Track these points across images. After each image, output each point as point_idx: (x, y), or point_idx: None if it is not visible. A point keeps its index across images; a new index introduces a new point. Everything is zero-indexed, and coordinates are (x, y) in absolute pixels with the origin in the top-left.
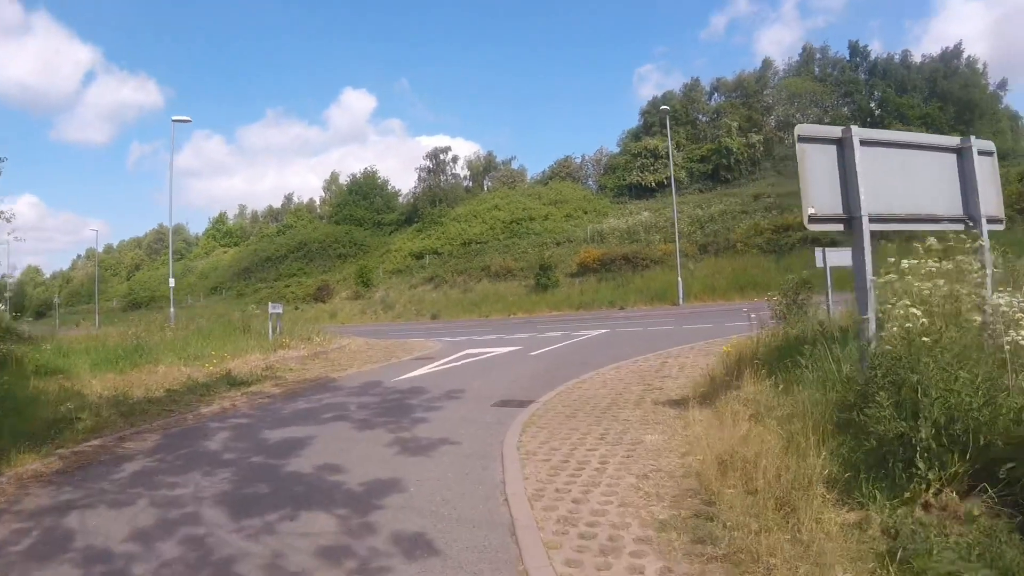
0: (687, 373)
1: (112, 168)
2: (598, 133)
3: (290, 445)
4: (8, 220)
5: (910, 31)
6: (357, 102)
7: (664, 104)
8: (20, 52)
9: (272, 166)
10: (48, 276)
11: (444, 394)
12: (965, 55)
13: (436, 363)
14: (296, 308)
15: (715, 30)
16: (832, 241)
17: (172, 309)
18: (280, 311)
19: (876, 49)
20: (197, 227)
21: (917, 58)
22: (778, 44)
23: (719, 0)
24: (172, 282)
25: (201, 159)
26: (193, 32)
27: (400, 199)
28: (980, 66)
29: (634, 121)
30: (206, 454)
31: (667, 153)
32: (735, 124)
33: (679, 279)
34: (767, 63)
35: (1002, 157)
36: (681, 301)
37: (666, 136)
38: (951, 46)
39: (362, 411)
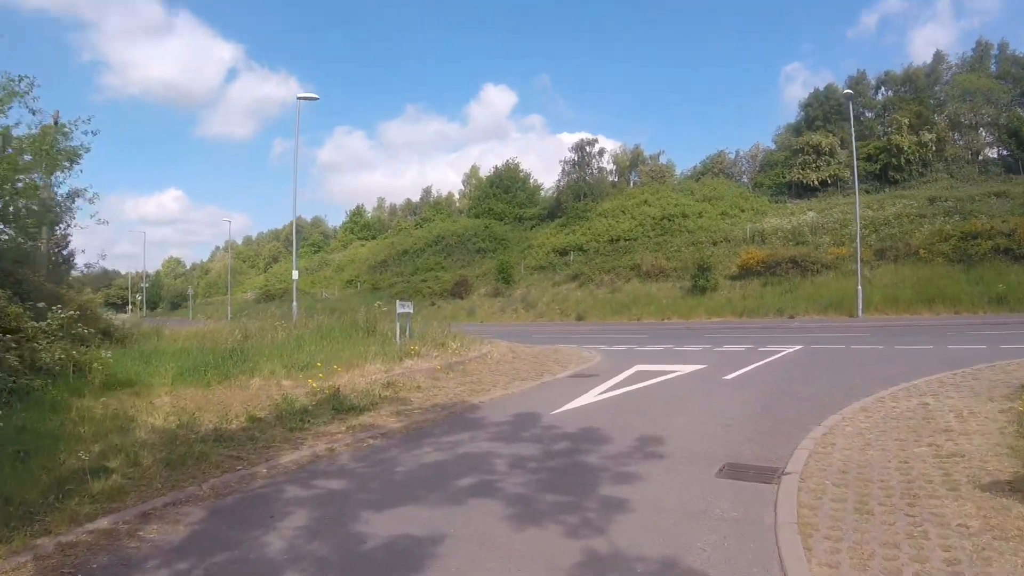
0: (974, 426)
1: (255, 163)
2: (744, 131)
3: (399, 558)
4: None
5: None
6: (498, 98)
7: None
8: (164, 51)
9: (412, 162)
10: (188, 267)
11: (634, 444)
12: None
13: (604, 385)
14: (432, 304)
15: (865, 28)
16: (1004, 248)
17: (295, 303)
18: (410, 310)
19: None
20: (336, 220)
21: None
22: (932, 44)
23: None
24: (296, 274)
25: (343, 154)
26: (333, 29)
27: (542, 193)
28: None
29: (784, 118)
30: (256, 567)
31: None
32: (906, 121)
33: (859, 288)
34: (939, 56)
35: None
36: (860, 312)
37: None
38: None
39: (517, 475)
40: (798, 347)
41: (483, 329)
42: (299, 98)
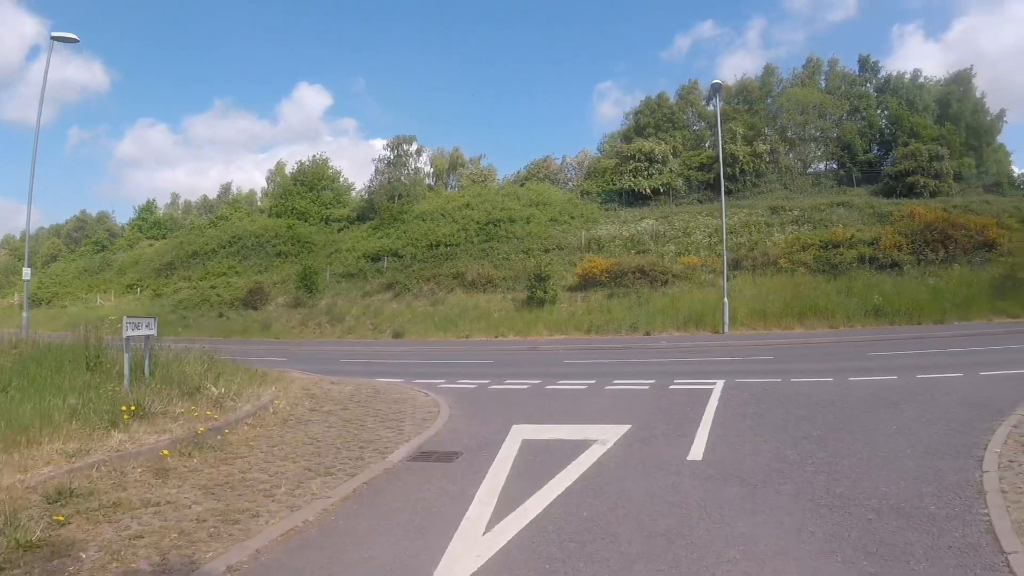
0: None
1: (50, 152)
2: (562, 142)
3: None
4: None
5: None
6: (312, 98)
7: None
8: None
9: (217, 160)
10: None
11: None
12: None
13: (485, 488)
14: (220, 315)
15: (677, 51)
16: (894, 262)
17: (25, 314)
18: (152, 332)
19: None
20: (127, 217)
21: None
22: (738, 70)
23: (685, 22)
24: (27, 273)
25: (144, 148)
26: (143, 12)
27: (353, 194)
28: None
29: (598, 132)
30: None
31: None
32: (740, 131)
33: (725, 300)
34: (770, 69)
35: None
36: (727, 328)
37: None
38: (965, 68)
39: None
40: (719, 381)
41: (276, 350)
42: (53, 38)
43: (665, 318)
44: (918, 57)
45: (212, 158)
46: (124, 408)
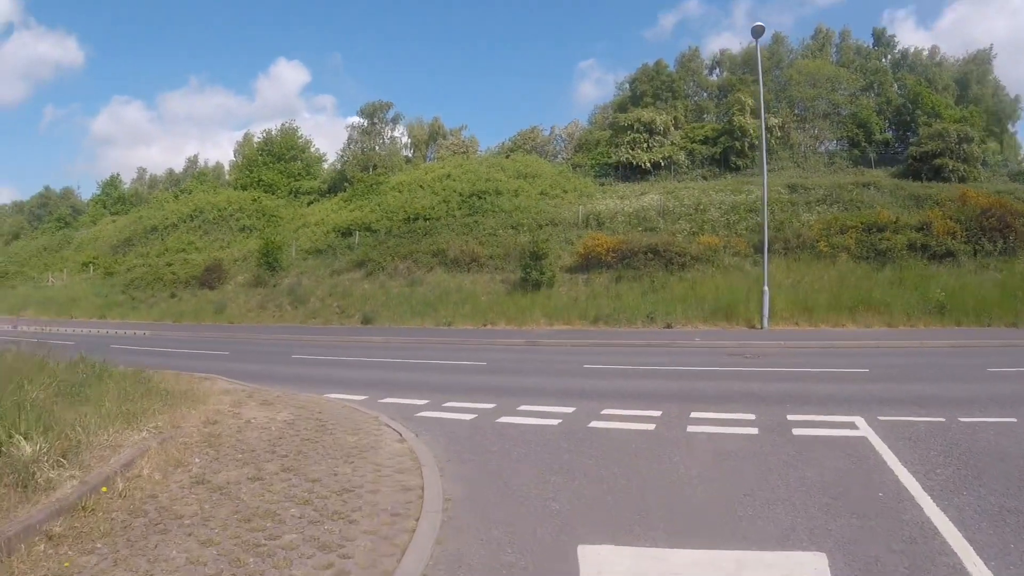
0: None
1: (23, 130)
2: (541, 120)
3: None
4: None
5: None
6: (289, 74)
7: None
8: None
9: (192, 137)
10: None
11: None
12: (995, 61)
13: None
14: (173, 296)
15: (661, 30)
16: (948, 251)
17: None
18: None
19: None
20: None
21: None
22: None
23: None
24: None
25: (119, 126)
26: None
27: (325, 166)
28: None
29: (577, 110)
30: None
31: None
32: (749, 102)
33: (766, 289)
34: (778, 38)
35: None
36: (766, 323)
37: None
38: (985, 48)
39: None
40: (857, 418)
41: (226, 337)
42: None
43: (687, 308)
44: (907, 44)
45: (187, 135)
46: None
